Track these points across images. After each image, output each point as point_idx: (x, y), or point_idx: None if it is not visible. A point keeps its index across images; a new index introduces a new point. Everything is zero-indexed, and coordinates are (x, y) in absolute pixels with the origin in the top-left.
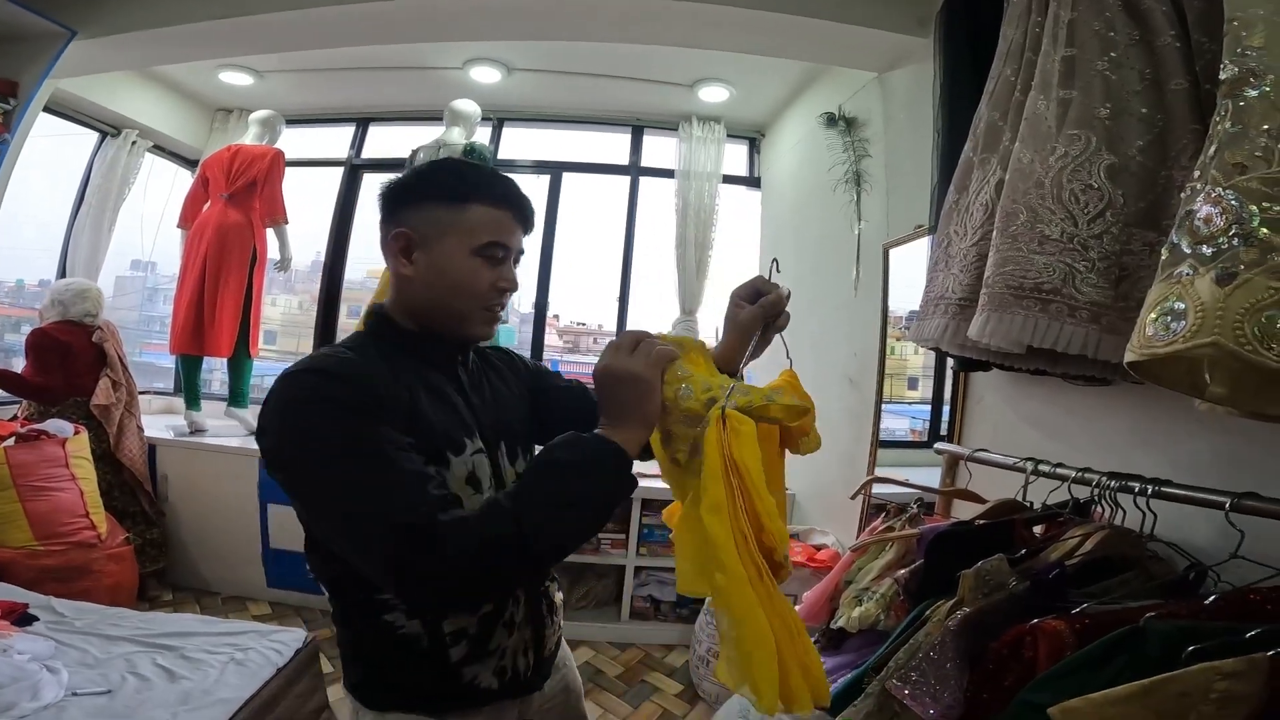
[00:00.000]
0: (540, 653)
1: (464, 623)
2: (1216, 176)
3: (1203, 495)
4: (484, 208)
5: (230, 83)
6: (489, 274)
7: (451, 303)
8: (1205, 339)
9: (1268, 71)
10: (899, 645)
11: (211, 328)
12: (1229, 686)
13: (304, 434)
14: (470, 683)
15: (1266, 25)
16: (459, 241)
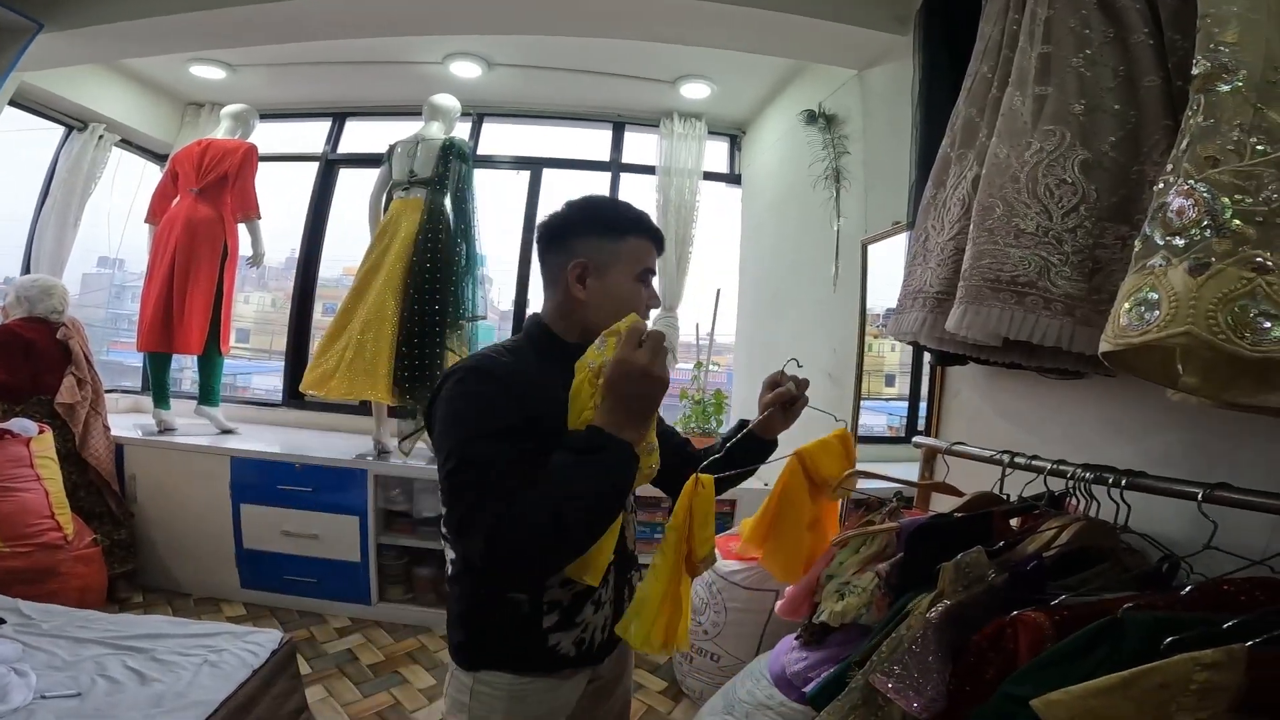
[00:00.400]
0: (610, 631)
1: (559, 595)
2: (1189, 170)
3: (1175, 486)
4: (637, 239)
5: (202, 76)
6: (644, 294)
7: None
8: (1179, 328)
9: (1240, 67)
10: (882, 639)
11: (181, 324)
12: (1209, 677)
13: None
14: (553, 648)
15: (1240, 21)
16: (623, 269)
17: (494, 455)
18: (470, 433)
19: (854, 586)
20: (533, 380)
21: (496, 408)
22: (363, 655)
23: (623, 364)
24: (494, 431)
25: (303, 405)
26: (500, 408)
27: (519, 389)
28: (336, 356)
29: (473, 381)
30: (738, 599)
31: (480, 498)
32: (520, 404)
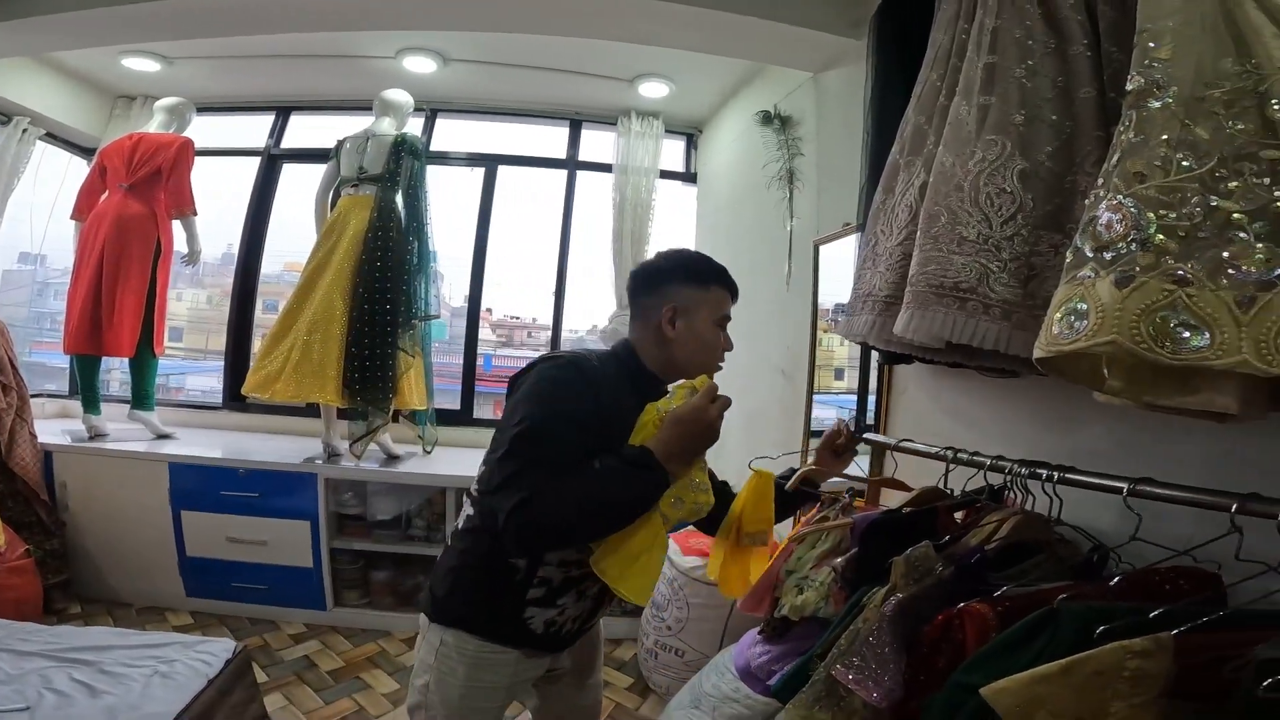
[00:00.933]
0: (586, 625)
1: (553, 574)
2: (1118, 184)
3: (1103, 481)
4: (719, 289)
5: (135, 69)
6: (722, 337)
7: (700, 359)
8: (1105, 337)
9: (1171, 83)
10: (841, 632)
11: (111, 325)
12: (1140, 665)
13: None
14: (525, 620)
15: (1174, 37)
16: (707, 314)
17: (560, 435)
18: (551, 408)
19: (811, 581)
20: (612, 391)
21: (581, 398)
22: (321, 662)
23: (697, 410)
24: (570, 416)
25: (244, 408)
26: (584, 400)
27: (601, 394)
28: (282, 357)
29: (570, 370)
30: (699, 595)
31: (530, 464)
32: (597, 406)
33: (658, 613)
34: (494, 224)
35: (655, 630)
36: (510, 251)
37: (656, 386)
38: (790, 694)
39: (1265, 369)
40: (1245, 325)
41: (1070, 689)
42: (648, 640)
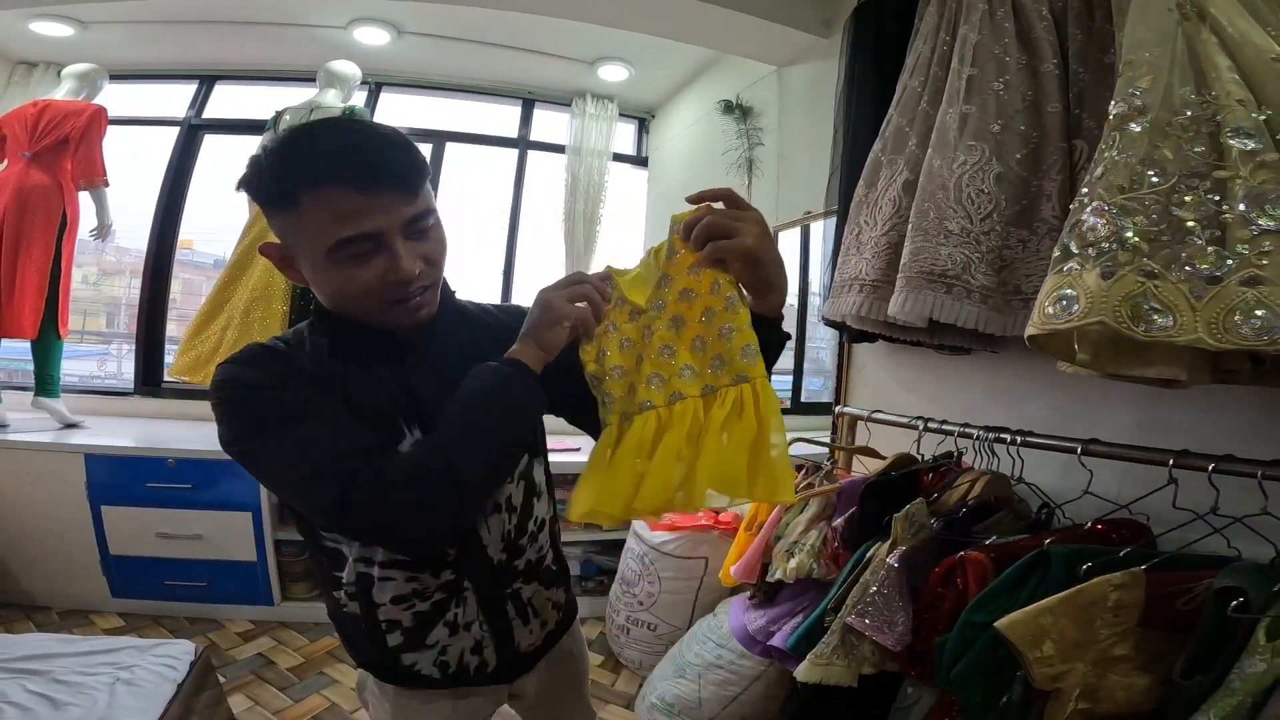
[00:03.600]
0: (508, 649)
1: (396, 614)
2: (1103, 194)
3: (1059, 442)
4: (316, 199)
5: (44, 34)
6: (366, 273)
7: (349, 309)
8: (1094, 318)
9: (1149, 110)
10: (850, 586)
11: (11, 305)
12: (1120, 596)
13: (236, 414)
14: (410, 668)
15: (1151, 69)
16: (309, 250)
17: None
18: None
19: (801, 545)
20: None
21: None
22: (278, 659)
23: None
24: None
25: (160, 393)
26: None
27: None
28: (215, 337)
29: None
30: (670, 569)
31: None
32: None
33: (628, 589)
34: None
35: (626, 607)
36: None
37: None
38: (806, 648)
39: (1215, 344)
40: (1199, 311)
41: (1068, 618)
42: (618, 617)
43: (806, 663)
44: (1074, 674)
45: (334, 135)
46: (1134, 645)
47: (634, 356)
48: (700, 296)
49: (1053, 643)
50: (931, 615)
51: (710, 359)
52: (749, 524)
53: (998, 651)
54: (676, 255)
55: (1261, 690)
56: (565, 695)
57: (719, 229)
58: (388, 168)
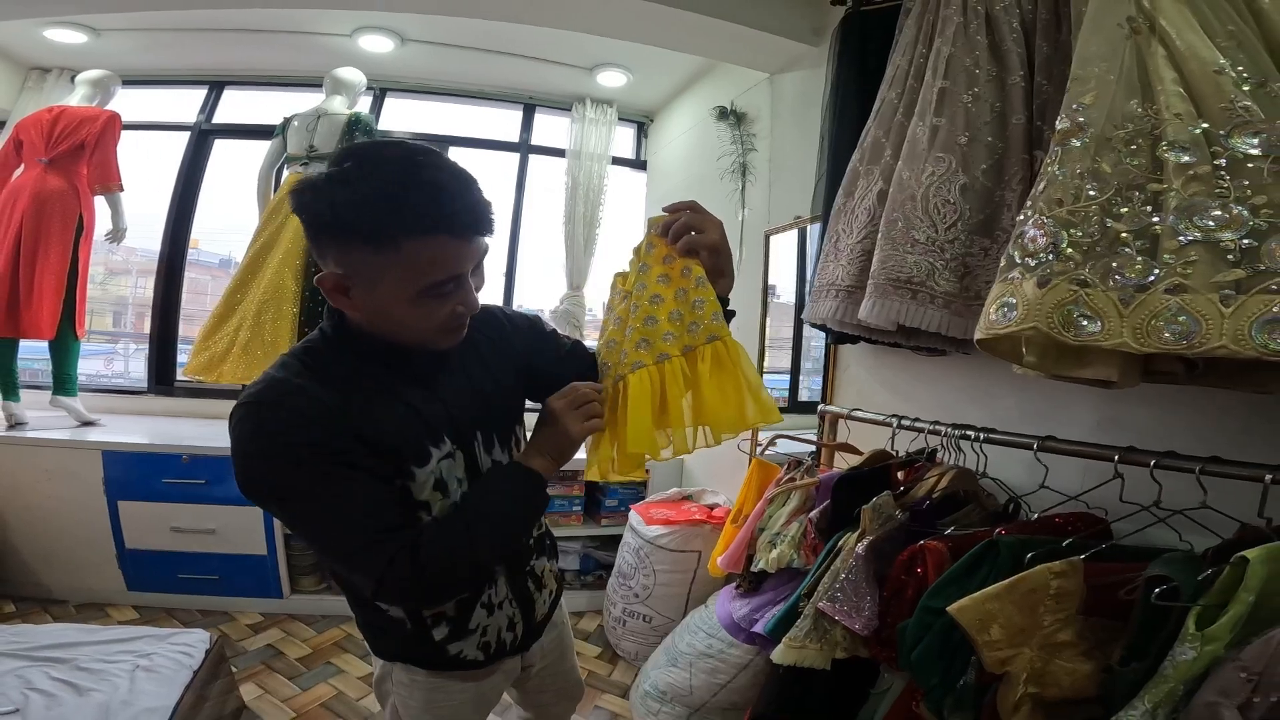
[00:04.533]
0: (530, 622)
1: (443, 607)
2: (1042, 208)
3: (1016, 438)
4: (420, 243)
5: (58, 40)
6: (443, 309)
7: (404, 337)
8: (1029, 324)
9: (1090, 125)
10: (822, 573)
11: (30, 306)
12: (1060, 584)
13: (267, 465)
14: (456, 656)
15: (1098, 83)
16: (400, 287)
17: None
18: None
19: (783, 536)
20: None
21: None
22: (288, 649)
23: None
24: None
25: (172, 392)
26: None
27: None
28: (228, 338)
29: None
30: (664, 562)
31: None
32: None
33: (624, 581)
34: None
35: (622, 599)
36: None
37: (403, 356)
38: (783, 632)
39: (1139, 348)
40: (1126, 317)
41: (1013, 604)
42: (615, 609)
43: (782, 645)
44: (1021, 658)
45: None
46: (1077, 632)
47: (624, 329)
48: (674, 280)
49: (1000, 627)
50: (897, 602)
51: (687, 325)
52: (735, 516)
53: (952, 636)
54: (654, 249)
55: (1193, 678)
56: (562, 653)
57: (692, 226)
58: (484, 214)
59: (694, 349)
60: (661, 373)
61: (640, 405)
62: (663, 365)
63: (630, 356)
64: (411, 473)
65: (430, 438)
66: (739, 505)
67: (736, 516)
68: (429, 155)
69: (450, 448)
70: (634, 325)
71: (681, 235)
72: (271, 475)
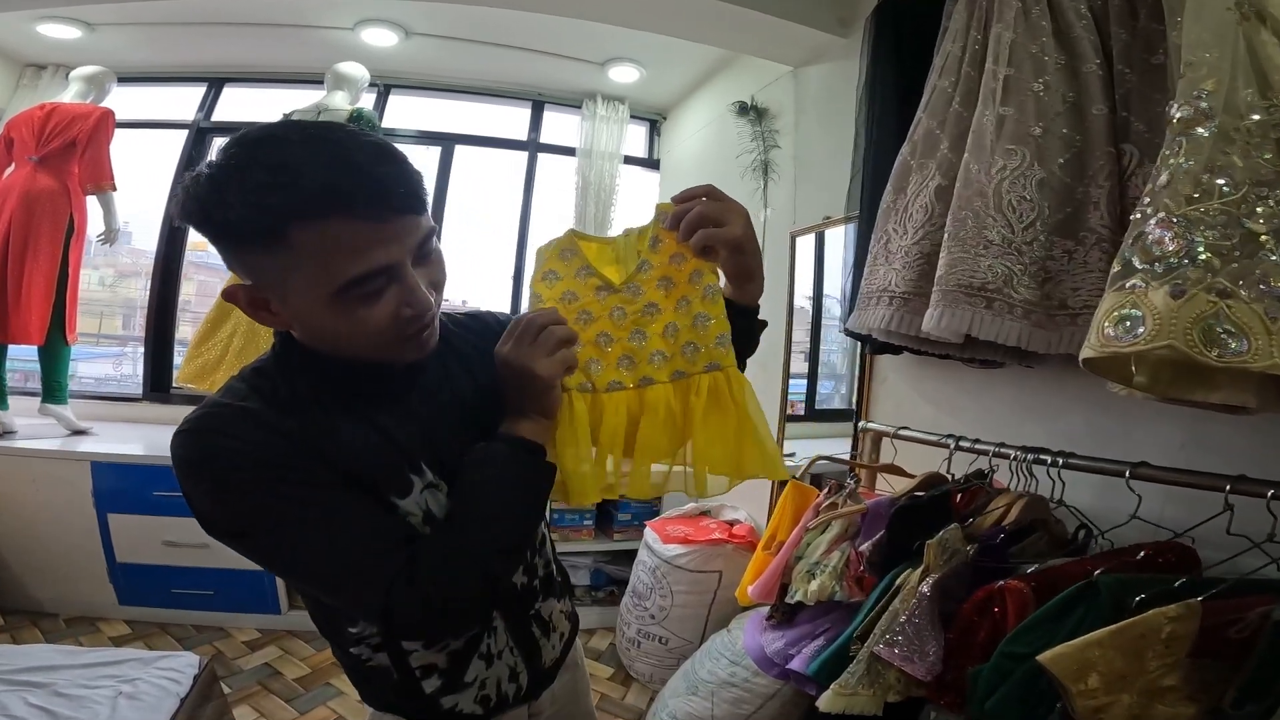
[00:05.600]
0: (536, 669)
1: (432, 658)
2: (1169, 205)
3: (1103, 464)
4: (310, 230)
5: (52, 36)
6: (378, 312)
7: (346, 352)
8: (1163, 341)
9: (1214, 114)
10: (878, 614)
11: (18, 310)
12: (1174, 628)
13: (224, 495)
14: (451, 710)
15: (1213, 70)
16: (310, 290)
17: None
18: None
19: (823, 566)
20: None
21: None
22: (285, 669)
23: (513, 357)
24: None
25: (168, 399)
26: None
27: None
28: (221, 344)
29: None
30: (683, 583)
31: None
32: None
33: (639, 601)
34: (449, 206)
35: (637, 619)
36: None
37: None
38: (829, 675)
39: None
40: (1275, 334)
41: (1118, 651)
42: (629, 630)
43: (830, 692)
44: (1118, 705)
45: (321, 151)
46: (1183, 675)
47: (595, 331)
48: (678, 285)
49: (1099, 675)
50: (964, 643)
51: (682, 345)
52: (767, 543)
53: (1036, 683)
54: (660, 244)
55: None
56: (576, 697)
57: (710, 218)
58: (402, 185)
59: (687, 376)
60: (642, 402)
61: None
62: (643, 392)
63: (607, 373)
64: (394, 505)
65: (409, 463)
66: (771, 530)
67: (769, 543)
68: (325, 128)
69: (432, 477)
70: (618, 337)
71: (695, 230)
72: (225, 510)
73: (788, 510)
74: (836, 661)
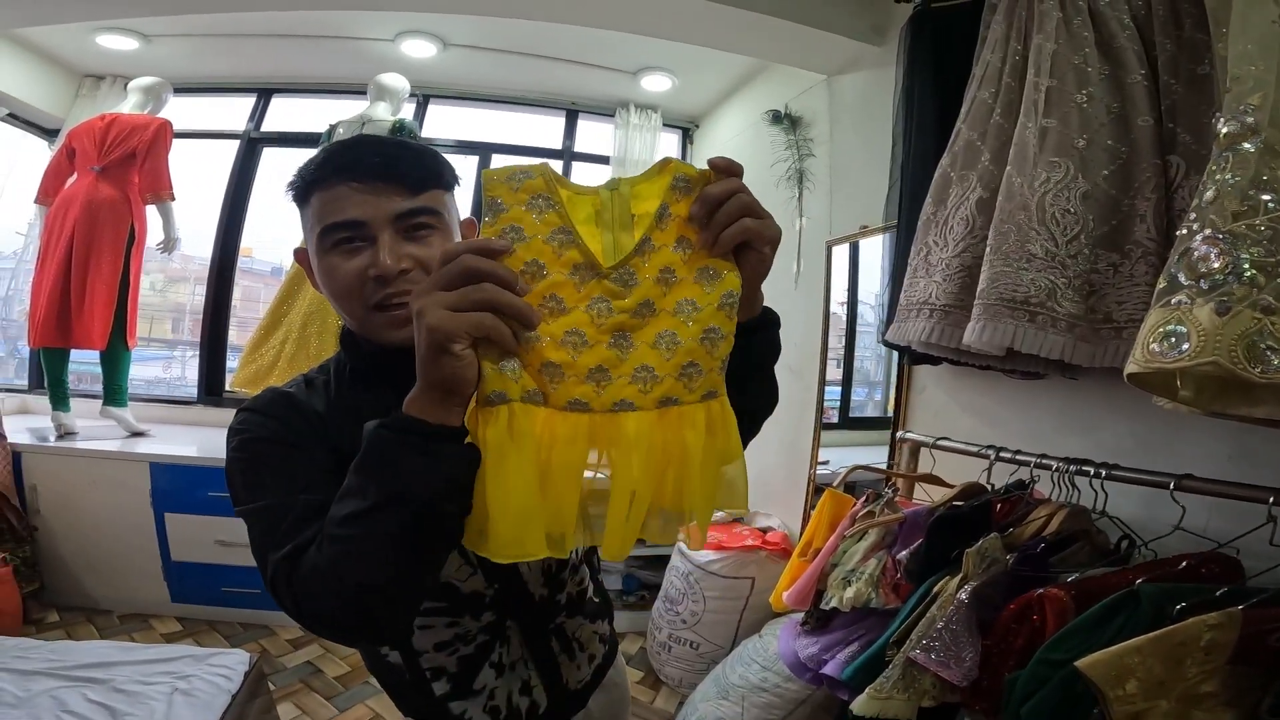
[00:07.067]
0: (557, 689)
1: (441, 660)
2: (1216, 221)
3: (1148, 476)
4: (323, 192)
5: (110, 47)
6: (347, 264)
7: (349, 320)
8: (1208, 358)
9: (1260, 128)
10: (915, 620)
11: (81, 316)
12: (1214, 636)
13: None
14: (460, 716)
15: (1258, 84)
16: (311, 243)
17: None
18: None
19: (859, 574)
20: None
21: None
22: (327, 667)
23: None
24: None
25: (221, 402)
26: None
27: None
28: (274, 350)
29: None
30: (715, 588)
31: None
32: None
33: (671, 606)
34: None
35: (669, 624)
36: None
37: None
38: (864, 679)
39: None
40: None
41: (1157, 658)
42: (660, 634)
43: (865, 696)
44: (1155, 711)
45: (356, 139)
46: (1221, 682)
47: (564, 326)
48: (682, 282)
49: (1137, 681)
50: (1002, 650)
51: (681, 364)
52: (803, 550)
53: (1073, 689)
54: (669, 220)
55: None
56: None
57: (751, 212)
58: (387, 163)
59: (678, 404)
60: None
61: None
62: (617, 418)
63: (570, 387)
64: None
65: None
66: (807, 538)
67: (805, 550)
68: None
69: None
70: (594, 340)
71: (731, 222)
72: (229, 474)
73: (824, 518)
74: (871, 667)
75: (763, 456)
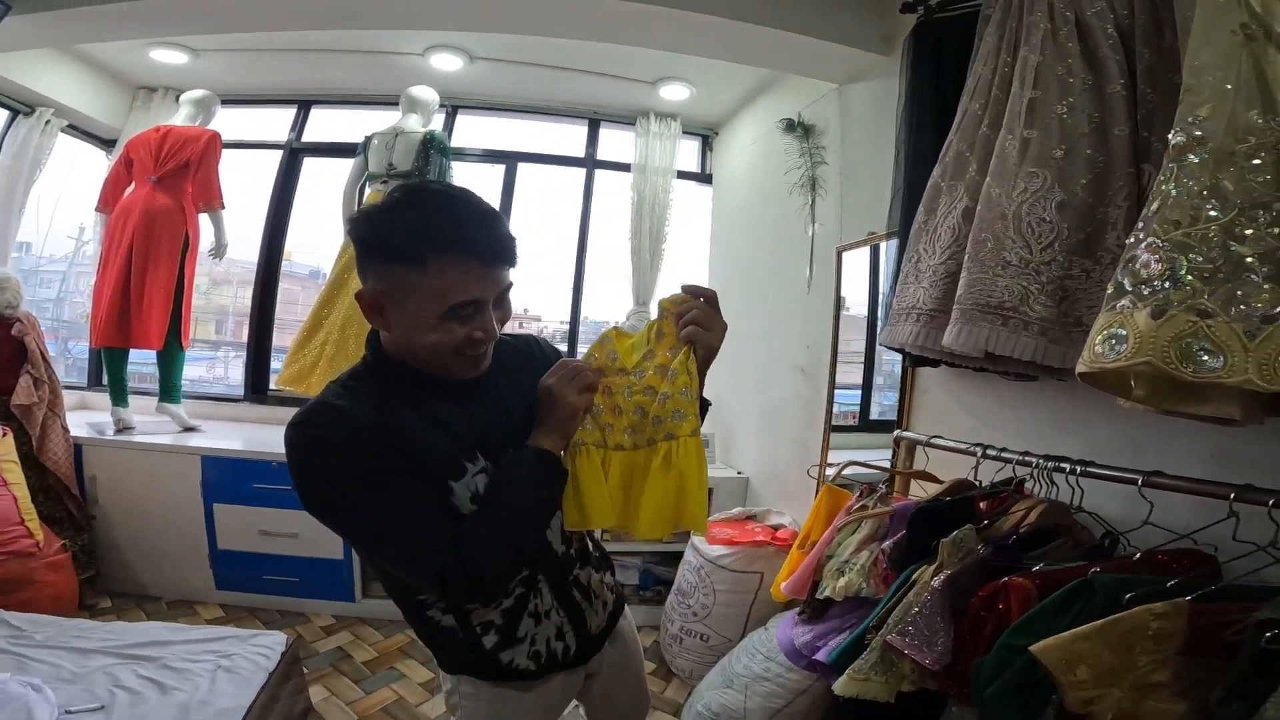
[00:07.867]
0: (583, 633)
1: (489, 615)
2: (1157, 230)
3: (1119, 473)
4: (446, 263)
5: (162, 61)
6: (462, 330)
7: (428, 358)
8: (1141, 359)
9: (1208, 139)
10: (893, 606)
11: (139, 318)
12: (1160, 625)
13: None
14: (509, 665)
15: (1214, 94)
16: (425, 305)
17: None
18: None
19: (852, 564)
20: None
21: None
22: (355, 653)
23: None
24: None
25: (265, 400)
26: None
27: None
28: (315, 351)
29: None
30: (725, 582)
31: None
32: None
33: (683, 599)
34: (514, 220)
35: (680, 617)
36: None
37: (434, 381)
38: (847, 662)
39: (1265, 386)
40: (1251, 351)
41: (1105, 645)
42: (672, 626)
43: (845, 677)
44: (1108, 699)
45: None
46: (1173, 672)
47: (612, 406)
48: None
49: (1088, 667)
50: (973, 637)
51: (670, 411)
52: (802, 542)
53: (1033, 674)
54: (664, 337)
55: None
56: (629, 668)
57: (701, 324)
58: (507, 246)
59: (674, 439)
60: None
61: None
62: (644, 451)
63: (615, 437)
64: (450, 487)
65: (464, 453)
66: (806, 530)
67: (804, 542)
68: (464, 193)
69: (484, 463)
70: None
71: (688, 325)
72: (321, 491)
73: (822, 512)
74: (853, 651)
75: (778, 456)
